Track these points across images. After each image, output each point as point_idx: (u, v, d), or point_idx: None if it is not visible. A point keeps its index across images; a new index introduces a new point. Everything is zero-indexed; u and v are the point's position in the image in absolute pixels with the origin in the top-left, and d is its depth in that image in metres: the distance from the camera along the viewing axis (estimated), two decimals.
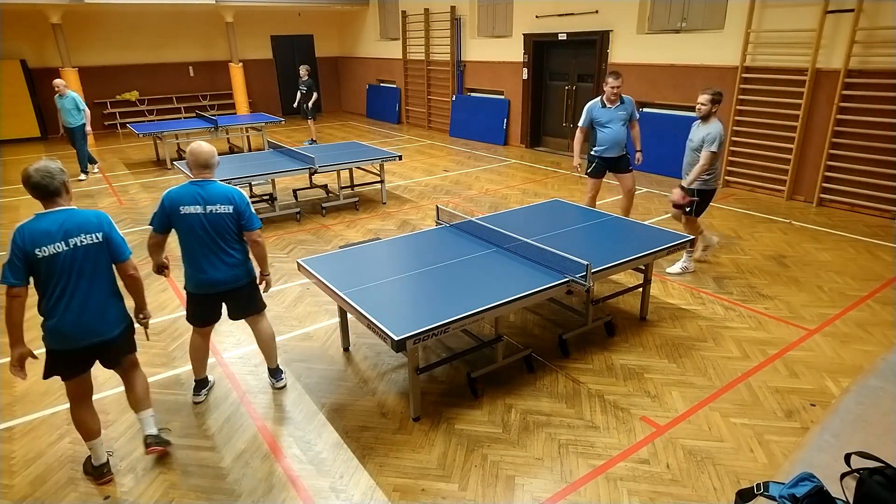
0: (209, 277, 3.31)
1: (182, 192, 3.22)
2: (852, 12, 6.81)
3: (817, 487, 1.47)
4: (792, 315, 4.64)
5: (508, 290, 3.42)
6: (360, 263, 4.08)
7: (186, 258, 3.33)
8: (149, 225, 3.29)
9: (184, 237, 3.26)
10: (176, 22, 14.75)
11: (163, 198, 3.24)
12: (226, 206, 3.24)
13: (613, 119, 5.79)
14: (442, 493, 2.90)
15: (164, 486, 2.97)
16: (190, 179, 3.28)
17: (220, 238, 3.27)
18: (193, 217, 3.20)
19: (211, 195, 3.23)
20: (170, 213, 3.22)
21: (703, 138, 4.97)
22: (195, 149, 3.26)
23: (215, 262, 3.30)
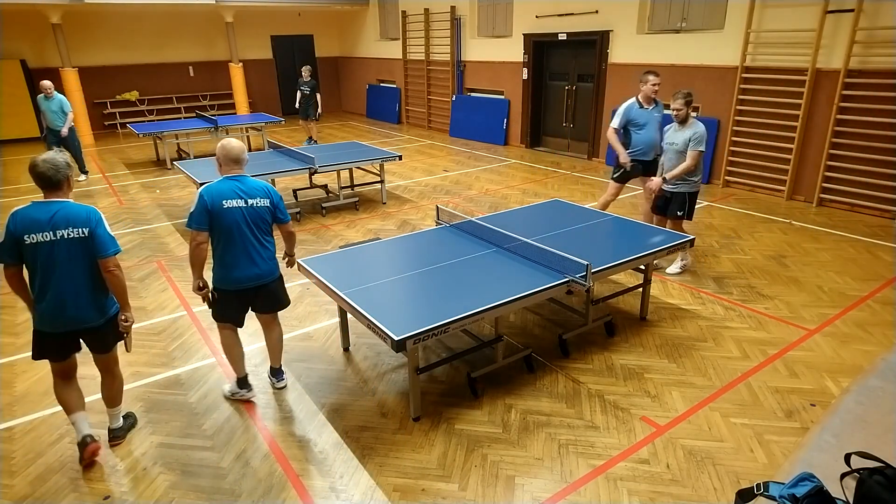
0: (249, 272, 3.30)
1: (222, 187, 3.20)
2: (852, 12, 6.81)
3: (817, 487, 1.47)
4: (792, 315, 4.64)
5: (508, 290, 3.42)
6: (360, 263, 4.08)
7: (224, 254, 3.26)
8: (187, 227, 3.16)
9: (224, 232, 3.21)
10: (176, 22, 14.75)
11: (201, 193, 3.15)
12: (264, 200, 3.28)
13: (651, 121, 5.53)
14: (442, 493, 2.90)
15: (164, 486, 2.97)
16: (224, 175, 3.29)
17: (259, 231, 3.30)
18: (237, 211, 3.20)
19: (251, 189, 3.26)
20: (212, 209, 3.15)
21: (688, 139, 4.94)
22: (226, 145, 3.27)
23: (254, 257, 3.30)
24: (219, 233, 3.21)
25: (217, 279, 3.32)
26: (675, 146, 5.08)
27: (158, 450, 3.24)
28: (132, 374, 4.00)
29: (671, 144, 5.11)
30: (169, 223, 7.31)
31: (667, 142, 5.17)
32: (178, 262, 6.00)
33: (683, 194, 5.11)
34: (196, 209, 3.14)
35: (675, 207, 5.16)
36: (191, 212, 3.15)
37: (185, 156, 11.11)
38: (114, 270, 2.91)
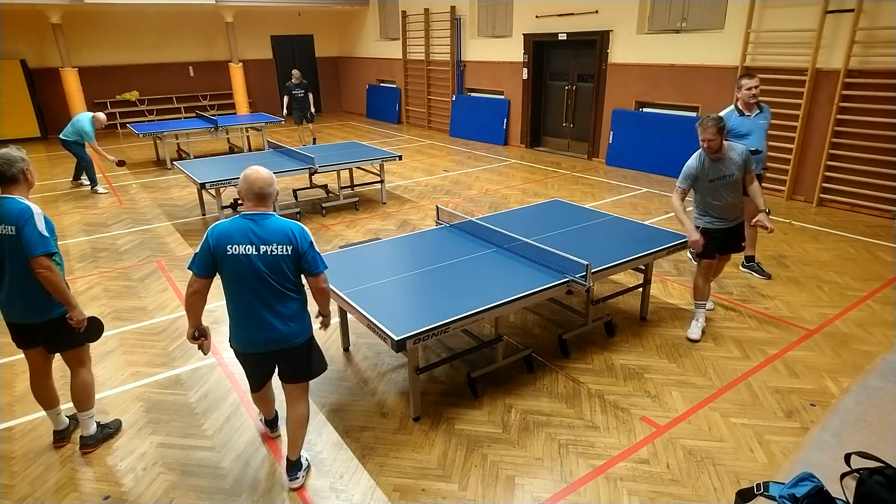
0: (259, 335, 2.70)
1: (232, 227, 2.61)
2: (852, 12, 6.81)
3: (817, 487, 1.47)
4: (792, 315, 4.64)
5: (508, 290, 3.42)
6: (360, 263, 4.08)
7: (232, 309, 2.73)
8: (188, 268, 2.64)
9: (230, 283, 2.66)
10: (176, 22, 14.75)
11: (207, 233, 2.63)
12: (284, 247, 2.62)
13: (756, 129, 4.86)
14: (442, 493, 2.90)
15: (164, 486, 2.97)
16: (242, 212, 2.69)
17: (275, 285, 2.64)
18: (243, 259, 2.59)
19: (267, 233, 2.61)
20: (215, 252, 2.59)
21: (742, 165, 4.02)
22: (250, 175, 2.64)
23: (266, 316, 2.67)
24: (227, 284, 2.68)
25: (230, 335, 2.80)
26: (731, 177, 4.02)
27: (158, 450, 3.24)
28: (132, 374, 4.00)
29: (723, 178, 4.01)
30: (169, 223, 7.31)
31: (712, 177, 4.02)
32: (177, 262, 6.00)
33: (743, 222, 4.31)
34: (199, 250, 2.64)
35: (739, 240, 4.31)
36: (194, 252, 2.67)
37: (185, 156, 11.10)
38: (42, 272, 2.77)
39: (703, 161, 4.00)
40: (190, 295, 2.68)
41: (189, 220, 7.41)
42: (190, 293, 2.67)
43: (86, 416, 3.23)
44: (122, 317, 4.83)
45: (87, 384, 3.21)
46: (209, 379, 3.91)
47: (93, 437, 3.25)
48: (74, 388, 3.20)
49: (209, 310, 4.88)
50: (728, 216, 4.15)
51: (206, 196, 7.49)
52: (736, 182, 4.04)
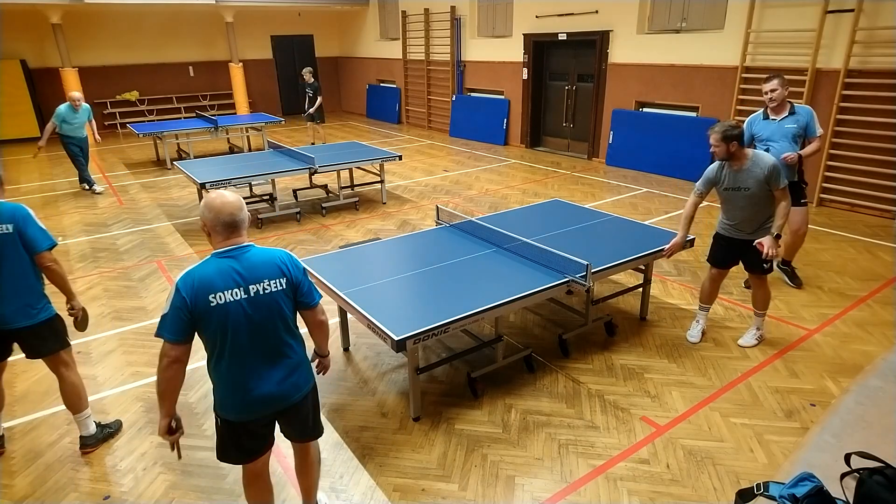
0: (262, 393, 2.21)
1: (208, 271, 2.09)
2: (852, 12, 6.81)
3: (817, 487, 1.47)
4: (792, 315, 4.64)
5: (508, 290, 3.42)
6: (360, 263, 4.08)
7: (220, 372, 2.21)
8: (156, 335, 2.10)
9: (217, 341, 2.15)
10: (176, 22, 14.74)
11: (177, 285, 2.06)
12: (276, 281, 2.17)
13: (779, 134, 4.58)
14: (442, 493, 2.90)
15: (164, 486, 2.97)
16: (214, 251, 2.16)
17: (273, 330, 2.21)
18: (232, 307, 2.09)
19: (253, 268, 2.14)
20: (193, 309, 2.05)
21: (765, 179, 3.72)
22: (214, 202, 2.12)
23: (267, 370, 2.21)
24: (212, 340, 2.16)
25: (218, 403, 2.26)
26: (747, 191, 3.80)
27: (158, 450, 3.24)
28: (132, 374, 4.00)
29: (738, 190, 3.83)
30: (169, 223, 7.31)
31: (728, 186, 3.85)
32: (177, 262, 6.00)
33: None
34: (169, 310, 2.06)
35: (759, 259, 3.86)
36: (163, 313, 2.07)
37: (185, 156, 11.10)
38: (51, 265, 2.86)
39: (724, 167, 3.83)
40: (165, 368, 2.08)
41: (189, 220, 7.41)
42: (164, 366, 2.08)
43: (82, 417, 3.22)
44: (122, 317, 4.83)
45: (76, 385, 3.19)
46: (209, 379, 3.90)
47: (93, 436, 3.25)
48: (65, 392, 3.17)
49: None
50: (743, 229, 3.93)
51: None
52: (752, 196, 3.77)
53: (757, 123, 4.73)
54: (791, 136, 4.58)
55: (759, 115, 4.75)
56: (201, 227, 2.20)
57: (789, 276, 5.19)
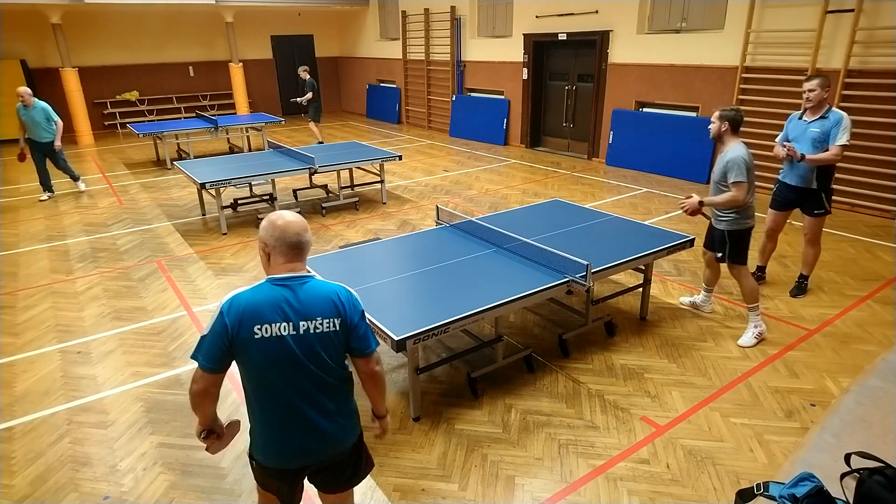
0: (301, 442, 1.97)
1: (259, 298, 1.86)
2: (852, 12, 6.81)
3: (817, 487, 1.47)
4: (792, 315, 4.64)
5: (508, 290, 3.42)
6: (360, 263, 4.08)
7: (260, 412, 1.98)
8: (192, 357, 1.90)
9: (257, 377, 1.92)
10: (176, 22, 14.75)
11: (223, 309, 1.86)
12: (330, 321, 1.91)
13: (803, 136, 4.54)
14: (442, 493, 2.90)
15: (164, 486, 2.97)
16: (269, 276, 1.93)
17: (320, 373, 1.93)
18: (275, 343, 1.85)
19: (308, 303, 1.89)
20: (235, 338, 1.84)
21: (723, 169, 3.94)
22: (278, 220, 1.91)
23: (311, 416, 1.95)
24: (250, 376, 1.93)
25: (254, 444, 2.05)
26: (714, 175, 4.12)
27: (158, 450, 3.24)
28: (132, 374, 4.00)
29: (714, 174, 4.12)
30: (169, 223, 7.31)
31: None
32: (177, 262, 6.00)
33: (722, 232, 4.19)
34: (209, 333, 1.86)
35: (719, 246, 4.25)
36: (203, 335, 1.88)
37: (185, 156, 11.11)
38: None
39: None
40: (194, 395, 1.91)
41: (189, 220, 7.41)
42: (195, 391, 1.90)
43: None
44: (122, 317, 4.83)
45: None
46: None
47: None
48: None
49: (209, 310, 4.90)
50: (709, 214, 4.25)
51: (207, 196, 7.49)
52: (715, 183, 4.04)
53: (791, 122, 4.71)
54: (813, 140, 4.48)
55: (797, 115, 4.70)
56: (261, 249, 1.95)
57: (798, 286, 5.00)
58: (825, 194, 4.64)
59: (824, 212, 4.71)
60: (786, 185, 4.77)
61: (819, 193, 4.64)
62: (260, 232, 1.94)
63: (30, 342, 4.45)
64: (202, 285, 5.41)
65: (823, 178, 4.60)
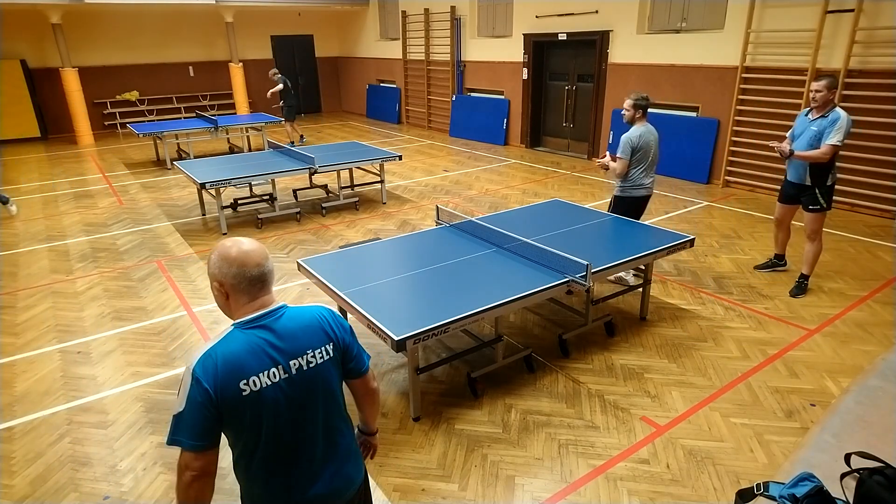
0: (311, 496, 1.72)
1: (234, 349, 1.57)
2: (852, 12, 6.81)
3: (817, 487, 1.47)
4: (792, 315, 4.64)
5: (508, 290, 3.42)
6: (360, 263, 4.08)
7: (256, 473, 1.72)
8: (169, 443, 1.54)
9: (250, 438, 1.64)
10: (176, 22, 14.74)
11: (194, 373, 1.53)
12: (322, 349, 1.70)
13: (803, 133, 4.69)
14: (442, 493, 2.90)
15: (164, 486, 2.97)
16: (236, 321, 1.64)
17: (321, 413, 1.72)
18: (269, 393, 1.60)
19: (292, 336, 1.65)
20: (220, 403, 1.53)
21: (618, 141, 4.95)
22: (230, 253, 1.61)
23: (317, 464, 1.73)
24: (242, 438, 1.65)
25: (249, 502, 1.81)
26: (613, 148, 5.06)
27: (158, 450, 3.24)
28: (132, 374, 4.00)
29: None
30: (169, 223, 7.31)
31: None
32: (177, 262, 6.00)
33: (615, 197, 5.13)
34: (186, 407, 1.52)
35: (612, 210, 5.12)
36: (176, 412, 1.53)
37: (185, 156, 11.10)
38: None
39: None
40: (189, 485, 1.54)
41: (189, 220, 7.41)
42: (188, 482, 1.53)
43: None
44: (122, 317, 4.83)
45: None
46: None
47: None
48: None
49: (208, 310, 4.90)
50: None
51: (206, 196, 7.49)
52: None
53: (799, 119, 4.85)
54: (810, 138, 4.61)
55: (804, 112, 4.82)
56: (215, 289, 1.65)
57: (798, 285, 5.01)
58: (820, 191, 4.72)
59: (821, 208, 4.77)
60: (787, 180, 4.96)
61: (814, 190, 4.73)
62: (211, 268, 1.63)
63: (30, 342, 4.45)
64: (202, 285, 5.41)
65: (818, 175, 4.68)
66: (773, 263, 5.40)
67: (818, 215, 4.80)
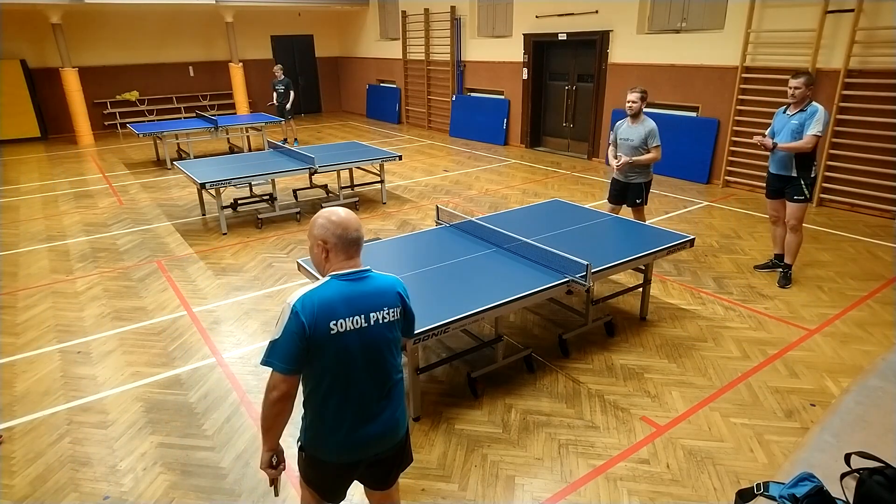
0: (370, 433, 1.99)
1: (331, 295, 1.88)
2: (852, 12, 6.81)
3: (817, 487, 1.47)
4: (792, 315, 4.64)
5: (508, 290, 3.42)
6: None
7: (328, 407, 1.95)
8: (263, 363, 1.84)
9: (330, 373, 1.91)
10: (176, 22, 14.74)
11: (294, 308, 1.82)
12: (395, 309, 2.00)
13: (784, 128, 4.89)
14: (442, 493, 2.90)
15: (164, 486, 2.97)
16: (333, 272, 1.93)
17: (385, 362, 2.01)
18: (352, 337, 1.89)
19: (376, 294, 1.96)
20: (312, 337, 1.82)
21: (644, 136, 5.16)
22: (334, 217, 1.93)
23: (378, 406, 2.01)
24: (321, 373, 1.91)
25: (311, 440, 2.02)
26: (630, 142, 5.25)
27: (158, 450, 3.24)
28: (132, 374, 4.00)
29: (627, 140, 5.27)
30: (169, 223, 7.31)
31: (621, 137, 5.33)
32: (177, 262, 6.00)
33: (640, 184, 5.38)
34: (282, 335, 1.82)
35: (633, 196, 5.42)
36: (273, 339, 1.83)
37: (185, 156, 11.10)
38: None
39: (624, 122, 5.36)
40: (273, 402, 1.84)
41: (189, 220, 7.41)
42: (273, 399, 1.83)
43: None
44: (122, 317, 4.83)
45: None
46: (209, 379, 3.91)
47: None
48: None
49: (208, 310, 4.90)
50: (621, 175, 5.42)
51: (207, 196, 7.48)
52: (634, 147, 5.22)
53: (777, 116, 5.05)
54: (792, 131, 4.80)
55: (782, 110, 5.02)
56: (318, 247, 1.93)
57: (783, 276, 5.18)
58: (805, 182, 4.89)
59: (804, 199, 4.93)
60: (771, 173, 5.11)
61: (798, 181, 4.90)
62: (316, 230, 1.94)
63: (30, 342, 4.45)
64: (202, 285, 5.41)
65: (802, 166, 4.86)
66: (774, 263, 5.40)
67: (801, 206, 4.95)
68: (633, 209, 5.48)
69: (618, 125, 5.43)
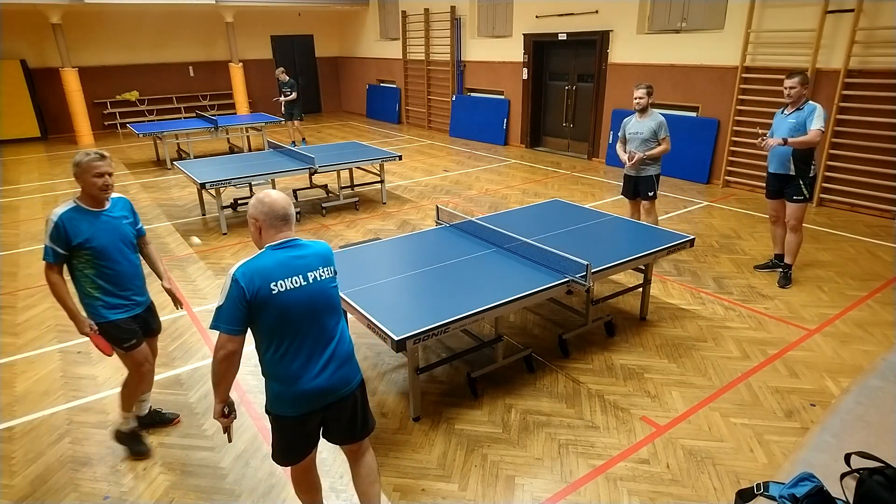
0: (315, 386, 2.22)
1: (269, 261, 2.14)
2: (852, 12, 6.81)
3: (817, 487, 1.47)
4: (792, 315, 4.64)
5: (508, 290, 3.42)
6: (359, 263, 4.07)
7: (279, 363, 2.20)
8: (212, 328, 2.12)
9: (276, 331, 2.16)
10: (176, 22, 14.75)
11: (234, 275, 2.08)
12: (329, 268, 2.28)
13: (781, 127, 4.93)
14: (442, 493, 2.90)
15: (164, 486, 2.97)
16: (267, 244, 2.21)
17: (328, 319, 2.26)
18: (293, 295, 2.14)
19: (309, 257, 2.22)
20: (253, 299, 2.08)
21: (654, 128, 5.32)
22: (265, 198, 2.22)
23: (322, 360, 2.23)
24: (269, 331, 2.17)
25: (271, 400, 2.27)
26: (640, 135, 5.39)
27: (158, 450, 3.24)
28: None
29: (637, 134, 5.41)
30: (169, 223, 7.31)
31: (630, 132, 5.48)
32: (178, 262, 6.00)
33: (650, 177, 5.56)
34: (226, 301, 2.08)
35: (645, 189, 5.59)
36: (218, 305, 2.09)
37: (185, 156, 11.10)
38: None
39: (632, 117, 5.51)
40: (222, 359, 2.11)
41: (189, 220, 7.41)
42: (221, 357, 2.10)
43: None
44: None
45: None
46: (209, 379, 3.90)
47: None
48: None
49: (208, 310, 4.89)
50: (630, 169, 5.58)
51: (207, 196, 7.48)
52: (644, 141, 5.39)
53: (775, 119, 5.07)
54: (790, 129, 4.82)
55: (780, 111, 5.05)
56: (252, 225, 2.23)
57: (782, 276, 5.18)
58: (804, 182, 4.89)
59: (804, 198, 4.93)
60: (770, 174, 5.11)
61: (797, 180, 4.91)
62: (250, 210, 2.23)
63: (30, 342, 4.45)
64: (202, 285, 5.41)
65: (801, 164, 4.87)
66: (774, 264, 5.41)
67: (801, 206, 4.96)
68: (644, 204, 5.64)
69: (625, 122, 5.54)
